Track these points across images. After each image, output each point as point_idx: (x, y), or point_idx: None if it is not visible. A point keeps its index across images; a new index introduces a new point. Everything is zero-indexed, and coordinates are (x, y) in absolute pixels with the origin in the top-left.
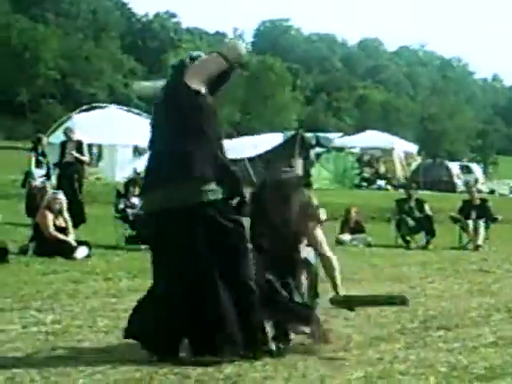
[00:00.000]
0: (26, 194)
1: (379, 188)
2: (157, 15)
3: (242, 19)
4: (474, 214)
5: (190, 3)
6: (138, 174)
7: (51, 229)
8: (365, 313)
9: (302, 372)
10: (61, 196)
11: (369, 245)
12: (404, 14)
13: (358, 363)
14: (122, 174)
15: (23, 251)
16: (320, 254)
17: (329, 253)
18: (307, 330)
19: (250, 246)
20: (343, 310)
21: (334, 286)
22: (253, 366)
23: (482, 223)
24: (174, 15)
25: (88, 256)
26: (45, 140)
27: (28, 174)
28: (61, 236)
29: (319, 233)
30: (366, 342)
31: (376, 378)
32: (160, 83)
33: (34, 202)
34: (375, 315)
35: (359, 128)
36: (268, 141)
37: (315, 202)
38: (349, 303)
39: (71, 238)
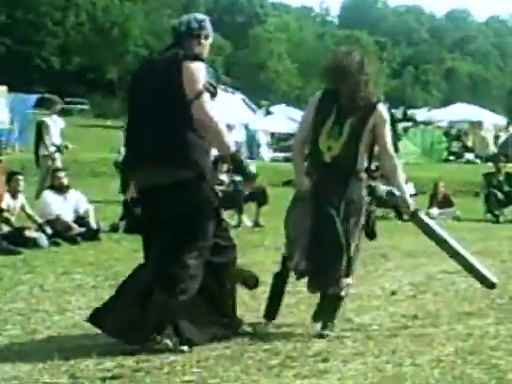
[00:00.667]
0: (120, 171)
1: (467, 162)
2: None
3: None
4: None
5: None
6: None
7: None
8: (453, 288)
9: (391, 348)
10: None
11: (457, 219)
12: None
13: (447, 339)
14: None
15: (114, 229)
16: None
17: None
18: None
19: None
20: (432, 286)
21: None
22: (342, 343)
23: None
24: None
25: None
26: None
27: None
28: None
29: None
30: (455, 318)
31: (467, 353)
32: None
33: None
34: (463, 290)
35: (447, 101)
36: None
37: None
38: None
39: None
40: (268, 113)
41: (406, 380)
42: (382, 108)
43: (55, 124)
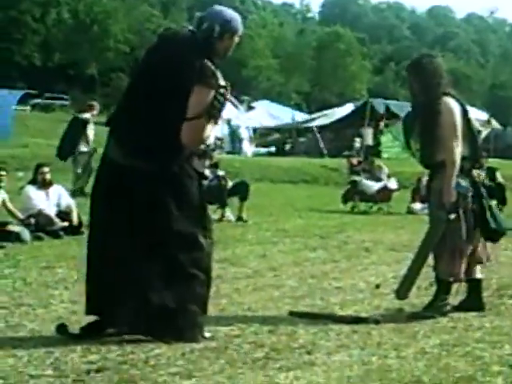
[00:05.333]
0: None
1: None
2: None
3: None
4: None
5: None
6: (208, 145)
7: None
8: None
9: (376, 340)
10: None
11: None
12: None
13: (432, 331)
14: None
15: None
16: None
17: None
18: None
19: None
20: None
21: None
22: (327, 335)
23: None
24: None
25: None
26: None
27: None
28: None
29: None
30: None
31: (451, 345)
32: None
33: None
34: None
35: None
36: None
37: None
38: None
39: None
40: (250, 108)
41: (391, 372)
42: None
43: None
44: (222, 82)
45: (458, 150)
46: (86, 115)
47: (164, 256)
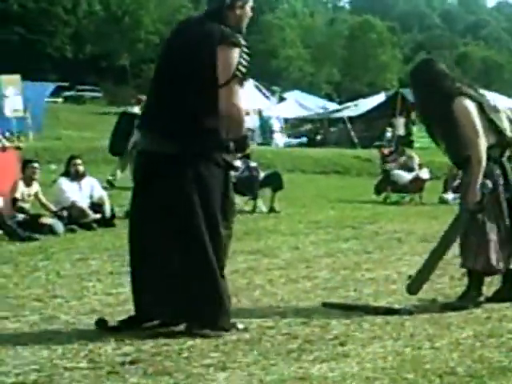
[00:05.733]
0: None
1: None
2: None
3: None
4: None
5: None
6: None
7: None
8: None
9: (410, 332)
10: None
11: None
12: None
13: (465, 322)
14: None
15: (129, 215)
16: None
17: None
18: None
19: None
20: (450, 267)
21: None
22: (361, 327)
23: None
24: None
25: None
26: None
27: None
28: None
29: None
30: None
31: (485, 336)
32: None
33: None
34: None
35: None
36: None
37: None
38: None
39: None
40: (281, 99)
41: (425, 363)
42: None
43: None
44: (243, 42)
45: (483, 147)
46: (135, 109)
47: (186, 244)
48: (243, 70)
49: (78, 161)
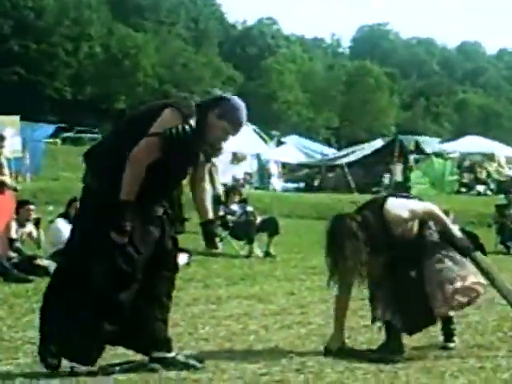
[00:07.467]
0: None
1: (479, 194)
2: (260, 21)
3: (340, 24)
4: None
5: (288, 9)
6: (237, 180)
7: None
8: (465, 320)
9: (404, 380)
10: None
11: None
12: (505, 17)
13: (459, 371)
14: (220, 181)
15: None
16: None
17: None
18: None
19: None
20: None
21: None
22: (354, 374)
23: None
24: (275, 22)
25: (188, 264)
26: None
27: None
28: None
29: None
30: (467, 351)
31: None
32: None
33: None
34: (475, 323)
35: (458, 133)
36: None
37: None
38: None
39: None
40: (280, 143)
41: None
42: None
43: None
44: (192, 122)
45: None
46: None
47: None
48: (174, 133)
49: (78, 203)
